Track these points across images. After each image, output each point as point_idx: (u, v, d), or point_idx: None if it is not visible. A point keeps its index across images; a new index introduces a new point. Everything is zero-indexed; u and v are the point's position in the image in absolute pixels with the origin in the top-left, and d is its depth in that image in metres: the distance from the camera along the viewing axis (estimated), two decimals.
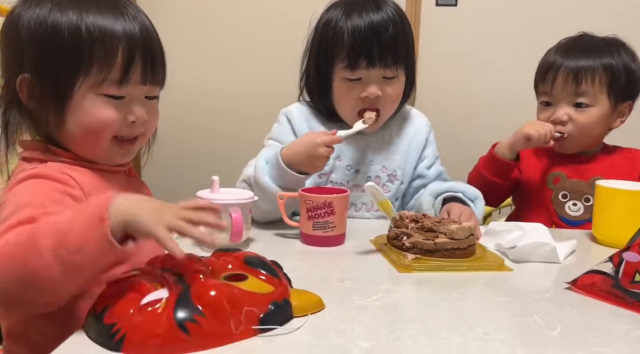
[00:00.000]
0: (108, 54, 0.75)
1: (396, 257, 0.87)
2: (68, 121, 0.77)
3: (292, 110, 1.24)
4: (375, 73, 1.12)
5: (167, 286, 0.59)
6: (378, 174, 1.23)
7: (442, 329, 0.63)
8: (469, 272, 0.85)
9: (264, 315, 0.60)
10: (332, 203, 0.95)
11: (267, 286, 0.63)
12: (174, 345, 0.55)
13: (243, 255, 0.68)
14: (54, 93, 0.76)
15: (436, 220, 0.94)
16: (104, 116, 0.77)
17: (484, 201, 1.16)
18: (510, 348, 0.59)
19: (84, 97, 0.76)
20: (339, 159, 1.20)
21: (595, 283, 0.76)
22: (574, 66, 1.21)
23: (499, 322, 0.66)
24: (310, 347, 0.58)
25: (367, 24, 1.10)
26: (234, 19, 2.32)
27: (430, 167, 1.27)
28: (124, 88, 0.77)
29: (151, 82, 0.81)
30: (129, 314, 0.56)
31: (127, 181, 0.88)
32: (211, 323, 0.56)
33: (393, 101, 1.17)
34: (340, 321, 0.65)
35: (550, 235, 0.93)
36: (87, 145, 0.80)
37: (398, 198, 1.25)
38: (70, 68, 0.75)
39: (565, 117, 1.23)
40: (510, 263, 0.87)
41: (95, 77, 0.75)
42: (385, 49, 1.10)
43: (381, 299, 0.72)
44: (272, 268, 0.67)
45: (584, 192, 1.25)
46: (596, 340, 0.62)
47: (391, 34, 1.10)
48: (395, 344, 0.59)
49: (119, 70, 0.76)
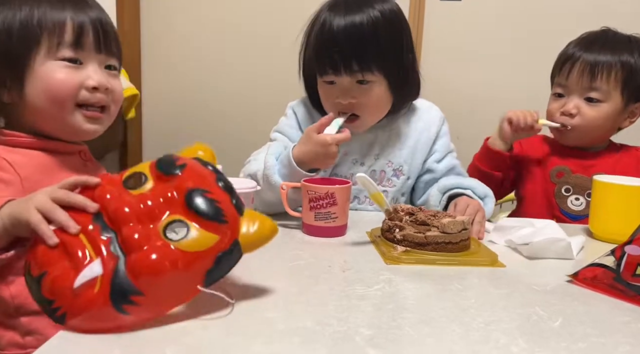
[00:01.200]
0: (57, 22, 0.80)
1: (386, 249, 0.87)
2: (29, 93, 0.80)
3: (298, 104, 1.25)
4: (346, 79, 1.09)
5: (101, 257, 0.56)
6: (383, 169, 1.22)
7: (443, 319, 0.63)
8: (459, 267, 0.83)
9: (209, 271, 0.58)
10: (334, 194, 0.95)
11: (212, 236, 0.58)
12: (115, 323, 0.55)
13: (185, 187, 0.61)
14: (10, 68, 0.79)
15: (431, 213, 0.93)
16: (61, 78, 0.80)
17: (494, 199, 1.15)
18: (512, 337, 0.59)
19: (41, 64, 0.80)
20: (345, 153, 1.20)
21: (596, 276, 0.77)
22: (592, 60, 1.20)
23: (500, 313, 0.66)
24: (312, 333, 0.58)
25: (327, 30, 1.06)
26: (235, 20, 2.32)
27: (441, 161, 1.23)
28: (79, 52, 0.81)
29: (106, 50, 0.84)
30: (66, 293, 0.55)
31: (82, 164, 0.88)
32: (150, 300, 0.55)
33: (371, 106, 1.13)
34: (342, 309, 0.65)
35: (563, 231, 0.92)
36: (51, 114, 0.81)
37: (404, 194, 1.24)
38: (22, 43, 0.78)
39: (574, 110, 1.23)
40: (503, 259, 0.86)
41: (49, 43, 0.79)
42: (348, 57, 1.06)
43: (382, 289, 0.72)
44: (217, 208, 0.59)
45: (587, 187, 1.24)
46: (597, 331, 0.62)
47: (356, 40, 1.05)
48: (396, 332, 0.59)
49: (70, 34, 0.80)
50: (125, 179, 0.64)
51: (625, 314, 0.68)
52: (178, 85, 2.37)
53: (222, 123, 2.33)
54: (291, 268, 0.80)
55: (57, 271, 0.56)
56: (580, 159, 1.28)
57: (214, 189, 0.62)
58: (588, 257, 0.79)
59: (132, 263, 0.55)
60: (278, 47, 2.23)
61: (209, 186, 0.62)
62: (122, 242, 0.57)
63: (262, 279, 0.73)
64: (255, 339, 0.56)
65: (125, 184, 0.64)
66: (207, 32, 2.32)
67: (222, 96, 2.34)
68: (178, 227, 0.58)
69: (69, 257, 0.57)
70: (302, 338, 0.57)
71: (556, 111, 1.26)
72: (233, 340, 0.55)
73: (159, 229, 0.58)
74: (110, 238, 0.58)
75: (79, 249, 0.57)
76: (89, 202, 0.60)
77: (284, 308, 0.64)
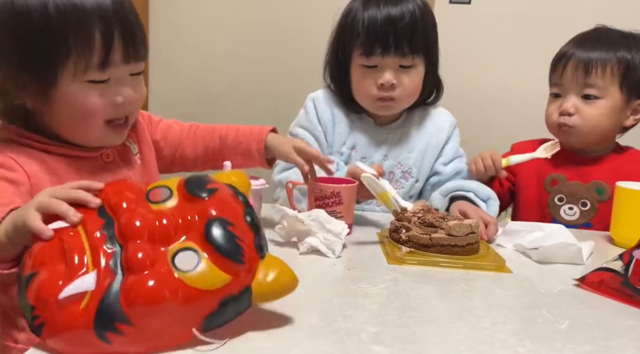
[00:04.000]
0: (85, 39, 0.72)
1: (390, 249, 0.87)
2: (55, 109, 0.76)
3: (318, 96, 1.26)
4: (391, 61, 1.12)
5: (98, 269, 0.51)
6: (392, 170, 1.22)
7: (448, 319, 0.63)
8: (464, 270, 0.82)
9: (210, 315, 0.51)
10: (340, 193, 0.95)
11: (223, 276, 0.51)
12: (94, 351, 0.49)
13: (208, 214, 0.54)
14: (36, 84, 0.74)
15: (440, 215, 0.93)
16: (91, 104, 0.75)
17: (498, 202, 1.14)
18: (518, 338, 0.59)
19: (68, 86, 0.74)
20: (355, 150, 1.21)
21: (604, 280, 0.76)
22: (585, 57, 1.18)
23: (507, 314, 0.66)
24: (318, 329, 0.58)
25: (383, 14, 1.11)
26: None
27: (448, 164, 1.24)
28: (107, 71, 0.75)
29: (134, 59, 0.78)
30: (49, 302, 0.49)
31: (102, 166, 0.84)
32: (138, 333, 0.49)
33: (410, 91, 1.17)
34: (347, 306, 0.65)
35: (573, 236, 0.90)
36: (77, 132, 0.79)
37: (412, 196, 1.24)
38: (49, 59, 0.72)
39: (572, 109, 1.20)
40: (510, 263, 0.85)
41: (76, 66, 0.73)
42: (401, 37, 1.11)
43: (388, 287, 0.72)
44: (237, 246, 0.53)
45: (582, 196, 1.21)
46: (603, 334, 0.62)
47: (408, 22, 1.11)
48: (402, 330, 0.59)
49: (99, 54, 0.73)
50: (149, 189, 0.59)
51: (632, 318, 0.67)
52: (184, 87, 2.37)
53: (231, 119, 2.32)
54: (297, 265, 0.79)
55: (48, 274, 0.51)
56: (577, 165, 1.24)
57: (239, 223, 0.55)
58: (597, 263, 0.78)
59: (127, 286, 0.49)
60: (286, 49, 2.24)
61: (235, 219, 0.55)
62: (124, 259, 0.51)
63: None
64: (261, 334, 0.56)
65: (147, 196, 0.58)
66: (215, 35, 2.32)
67: (229, 99, 2.33)
68: (189, 257, 0.52)
69: (65, 261, 0.52)
70: (308, 333, 0.57)
71: (554, 111, 1.23)
72: (239, 334, 0.55)
73: (168, 254, 0.52)
74: (114, 252, 0.52)
75: (77, 254, 0.52)
76: (91, 197, 0.57)
77: (289, 304, 0.63)
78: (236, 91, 2.34)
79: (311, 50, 2.16)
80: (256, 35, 2.29)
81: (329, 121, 1.22)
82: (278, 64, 2.27)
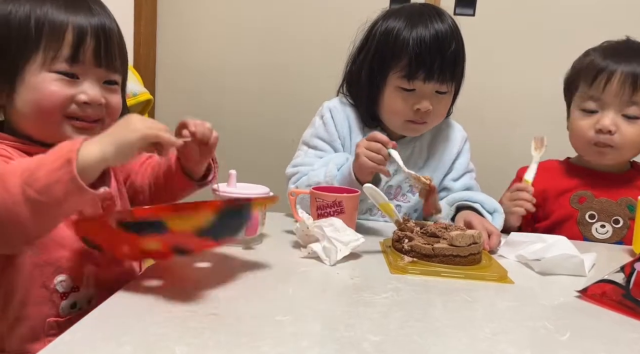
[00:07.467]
0: (56, 32, 0.76)
1: (393, 259, 0.87)
2: (18, 99, 0.77)
3: (336, 106, 1.23)
4: (431, 87, 1.12)
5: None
6: (400, 184, 1.22)
7: (450, 329, 0.64)
8: (466, 280, 0.82)
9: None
10: (341, 202, 0.95)
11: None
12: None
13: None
14: (3, 73, 0.76)
15: (442, 226, 0.93)
16: (50, 91, 0.76)
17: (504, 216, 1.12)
18: (519, 349, 0.59)
19: (34, 75, 0.76)
20: None
21: (605, 292, 0.76)
22: (632, 71, 1.11)
23: (508, 324, 0.66)
24: (320, 337, 0.58)
25: (431, 36, 1.09)
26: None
27: (458, 180, 1.24)
28: (75, 66, 0.77)
29: (107, 65, 0.80)
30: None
31: None
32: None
33: (440, 116, 1.18)
34: (349, 315, 0.65)
35: (575, 247, 0.90)
36: (38, 124, 0.78)
37: (417, 210, 1.23)
38: (19, 47, 0.75)
39: (613, 127, 1.12)
40: (512, 274, 0.85)
41: (45, 54, 0.76)
42: (446, 65, 1.10)
43: (390, 297, 0.73)
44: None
45: (613, 213, 1.17)
46: (605, 346, 0.62)
47: (453, 50, 1.10)
48: (404, 340, 0.59)
49: (69, 48, 0.76)
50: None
51: (633, 331, 0.67)
52: (192, 89, 2.38)
53: (237, 128, 2.33)
54: (300, 273, 0.80)
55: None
56: (602, 182, 1.20)
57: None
58: (599, 275, 0.78)
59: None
60: (295, 50, 2.23)
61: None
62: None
63: (271, 284, 0.74)
64: (264, 341, 0.56)
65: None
66: (224, 36, 2.33)
67: (237, 102, 2.34)
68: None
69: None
70: (310, 342, 0.57)
71: (589, 128, 1.15)
72: (242, 341, 0.56)
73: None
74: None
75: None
76: (173, 139, 0.69)
77: (292, 312, 0.64)
78: (246, 94, 2.34)
79: (318, 58, 2.20)
80: (268, 37, 2.29)
81: (347, 133, 1.21)
82: (289, 66, 2.25)
